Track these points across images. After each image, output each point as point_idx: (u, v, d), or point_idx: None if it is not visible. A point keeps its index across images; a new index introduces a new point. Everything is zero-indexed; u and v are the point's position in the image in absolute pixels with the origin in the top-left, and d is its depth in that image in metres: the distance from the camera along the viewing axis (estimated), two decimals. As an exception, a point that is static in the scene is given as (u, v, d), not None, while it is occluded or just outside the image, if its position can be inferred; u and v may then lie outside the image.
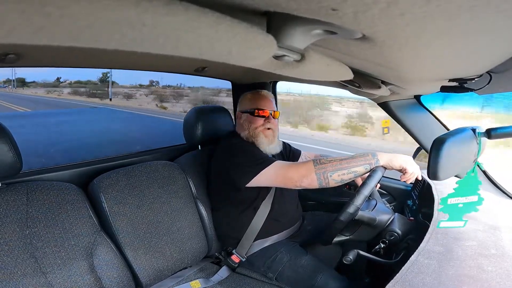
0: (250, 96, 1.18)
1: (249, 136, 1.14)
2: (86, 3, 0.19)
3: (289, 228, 1.21)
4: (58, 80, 13.63)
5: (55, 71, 13.36)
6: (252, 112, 1.14)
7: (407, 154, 0.96)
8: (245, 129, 1.14)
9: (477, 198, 0.73)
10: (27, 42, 0.20)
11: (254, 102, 1.16)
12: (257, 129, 1.13)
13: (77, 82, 13.46)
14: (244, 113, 1.16)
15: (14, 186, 0.82)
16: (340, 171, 0.90)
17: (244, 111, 1.17)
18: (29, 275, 0.77)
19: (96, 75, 14.94)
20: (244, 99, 1.19)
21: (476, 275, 0.64)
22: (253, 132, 1.13)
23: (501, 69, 0.62)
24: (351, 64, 0.64)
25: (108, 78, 13.25)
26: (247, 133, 1.14)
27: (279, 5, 0.31)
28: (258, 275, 1.13)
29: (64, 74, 13.17)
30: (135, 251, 0.99)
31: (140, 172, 1.09)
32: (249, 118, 1.14)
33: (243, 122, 1.16)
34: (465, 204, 0.74)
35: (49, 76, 12.58)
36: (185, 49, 0.29)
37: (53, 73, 12.85)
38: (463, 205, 0.74)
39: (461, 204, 0.74)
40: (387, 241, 0.95)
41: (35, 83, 12.92)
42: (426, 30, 0.34)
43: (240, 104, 1.20)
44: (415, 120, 1.22)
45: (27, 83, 12.82)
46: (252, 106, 1.15)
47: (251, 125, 1.13)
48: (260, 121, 1.13)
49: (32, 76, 13.11)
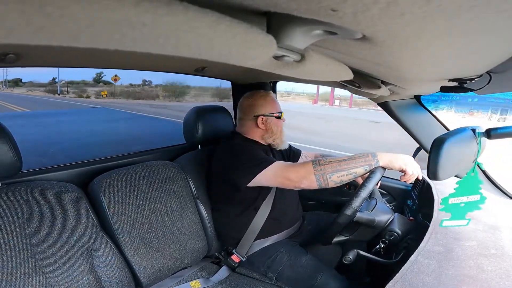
0: (269, 99, 1.19)
1: (277, 138, 1.19)
2: (86, 3, 0.19)
3: (290, 228, 1.21)
4: (54, 80, 13.90)
5: (51, 71, 13.65)
6: (278, 116, 1.19)
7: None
8: (274, 132, 1.18)
9: (479, 197, 0.73)
10: (27, 42, 0.20)
11: (275, 106, 1.19)
12: (282, 131, 1.21)
13: (69, 83, 13.71)
14: (269, 117, 1.17)
15: (14, 186, 0.82)
16: (340, 172, 0.90)
17: (268, 114, 1.17)
18: (29, 275, 0.77)
19: (91, 75, 15.33)
20: (262, 102, 1.17)
21: (476, 275, 0.64)
22: (280, 134, 1.20)
23: (501, 69, 0.62)
24: (351, 64, 0.64)
25: (102, 77, 13.58)
26: (275, 137, 1.19)
27: (279, 5, 0.31)
28: (258, 275, 1.13)
29: (60, 74, 13.43)
30: (135, 251, 0.99)
31: (140, 172, 1.09)
32: (275, 121, 1.18)
33: (271, 126, 1.17)
34: (467, 203, 0.75)
35: (43, 76, 12.86)
36: (185, 49, 0.29)
37: (49, 74, 13.12)
38: (464, 204, 0.75)
39: (463, 203, 0.75)
40: (387, 241, 0.95)
41: (31, 82, 13.25)
42: (426, 30, 0.34)
43: (259, 108, 1.17)
44: (415, 120, 1.22)
45: (23, 83, 13.15)
46: (275, 110, 1.19)
47: (278, 128, 1.19)
48: (282, 122, 1.21)
49: (27, 76, 13.40)
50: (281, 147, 1.23)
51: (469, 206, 0.74)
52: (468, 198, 0.74)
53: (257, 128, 1.18)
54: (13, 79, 13.22)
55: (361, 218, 0.94)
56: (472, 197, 0.74)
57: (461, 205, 0.75)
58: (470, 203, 0.74)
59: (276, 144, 1.21)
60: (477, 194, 0.73)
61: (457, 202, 0.75)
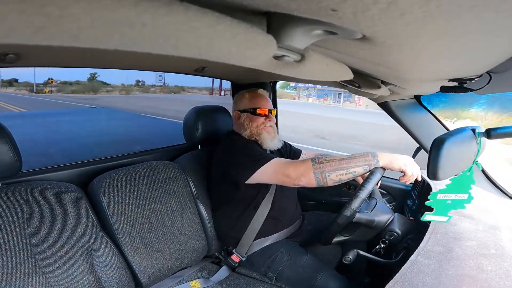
0: (248, 96, 1.19)
1: (252, 134, 1.15)
2: (86, 3, 0.19)
3: (289, 227, 1.21)
4: (48, 80, 14.25)
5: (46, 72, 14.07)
6: (253, 111, 1.16)
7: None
8: (246, 128, 1.16)
9: (467, 196, 0.74)
10: (27, 42, 0.20)
11: (254, 102, 1.17)
12: (259, 127, 1.16)
13: (62, 83, 14.11)
14: (244, 112, 1.17)
15: (14, 186, 0.82)
16: (339, 171, 0.90)
17: (243, 110, 1.17)
18: (29, 275, 0.77)
19: (85, 75, 15.99)
20: (242, 98, 1.20)
21: (476, 275, 0.64)
22: (255, 131, 1.15)
23: (501, 69, 0.62)
24: (351, 64, 0.64)
25: (96, 78, 14.20)
26: (249, 132, 1.15)
27: (279, 5, 0.31)
28: (258, 275, 1.13)
29: (55, 74, 13.81)
30: (135, 251, 0.99)
31: (140, 172, 1.09)
32: (250, 117, 1.16)
33: (243, 121, 1.16)
34: (453, 201, 0.76)
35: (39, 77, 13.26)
36: (185, 49, 0.29)
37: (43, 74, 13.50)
38: (451, 201, 0.76)
39: (450, 200, 0.76)
40: (387, 241, 0.95)
41: (27, 82, 13.73)
42: (426, 30, 0.34)
43: (238, 103, 1.20)
44: (415, 120, 1.22)
45: (19, 83, 13.59)
46: (252, 106, 1.16)
47: (252, 124, 1.15)
48: (261, 119, 1.16)
49: (23, 77, 13.74)
50: (266, 146, 1.17)
51: (454, 204, 0.76)
52: (456, 196, 0.75)
53: (236, 123, 1.20)
54: (9, 79, 13.70)
55: (361, 218, 0.94)
56: (460, 196, 0.75)
57: (447, 201, 0.76)
58: (456, 201, 0.76)
59: (258, 142, 1.15)
60: (466, 193, 0.74)
61: (444, 198, 0.76)
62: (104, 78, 15.08)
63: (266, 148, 1.17)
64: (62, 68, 1.04)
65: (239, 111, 1.18)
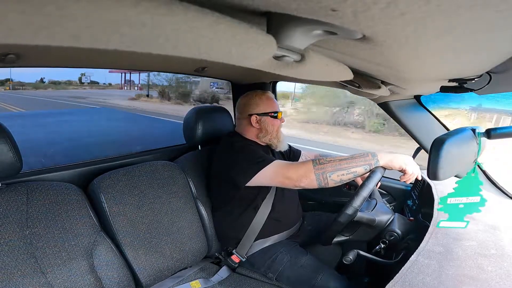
0: (264, 98, 1.17)
1: (273, 138, 1.17)
2: (86, 3, 0.19)
3: (290, 229, 1.21)
4: (42, 80, 14.52)
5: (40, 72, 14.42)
6: (274, 115, 1.16)
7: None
8: (269, 132, 1.16)
9: (479, 199, 0.72)
10: (27, 42, 0.20)
11: (271, 105, 1.17)
12: (279, 131, 1.18)
13: (52, 83, 14.39)
14: (264, 115, 1.15)
15: (14, 186, 0.82)
16: (339, 172, 0.90)
17: (263, 113, 1.15)
18: (29, 275, 0.77)
19: (76, 75, 16.63)
20: (257, 101, 1.17)
21: (476, 275, 0.64)
22: (275, 134, 1.17)
23: (501, 69, 0.62)
24: (351, 64, 0.64)
25: None
26: (270, 136, 1.17)
27: (279, 5, 0.31)
28: (258, 275, 1.13)
29: (48, 74, 14.24)
30: (135, 251, 0.99)
31: (140, 172, 1.09)
32: (271, 120, 1.16)
33: (266, 126, 1.16)
34: (466, 205, 0.73)
35: (31, 76, 13.84)
36: (185, 49, 0.29)
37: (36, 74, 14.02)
38: (464, 205, 0.74)
39: (462, 204, 0.74)
40: (387, 241, 0.95)
41: (21, 82, 14.08)
42: (426, 30, 0.34)
43: (253, 106, 1.17)
44: (415, 120, 1.22)
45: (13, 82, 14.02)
46: (271, 109, 1.16)
47: (274, 128, 1.17)
48: (279, 122, 1.18)
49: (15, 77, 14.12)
50: (280, 148, 1.21)
51: (468, 208, 0.73)
52: (468, 199, 0.73)
53: (251, 127, 1.17)
54: (3, 79, 14.16)
55: (362, 218, 0.94)
56: (472, 199, 0.73)
57: (460, 206, 0.74)
58: (469, 204, 0.73)
59: (273, 145, 1.19)
60: (477, 196, 0.72)
61: (456, 202, 0.74)
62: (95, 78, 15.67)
63: (280, 149, 1.21)
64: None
65: (257, 115, 1.16)
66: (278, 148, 1.20)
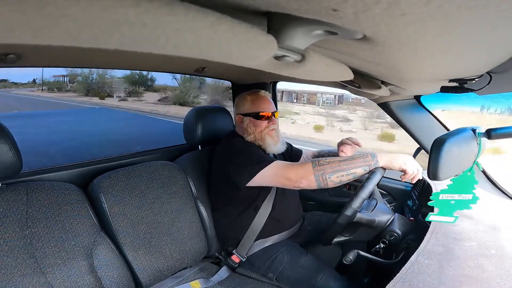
0: (250, 98, 1.15)
1: (255, 139, 1.13)
2: (86, 3, 0.19)
3: (290, 229, 1.21)
4: (34, 81, 14.58)
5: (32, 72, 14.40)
6: (256, 116, 1.12)
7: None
8: (250, 133, 1.13)
9: (471, 196, 0.73)
10: (27, 42, 0.20)
11: (256, 105, 1.14)
12: (263, 132, 1.13)
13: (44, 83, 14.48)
14: (246, 116, 1.14)
15: (14, 186, 0.82)
16: (339, 173, 0.90)
17: (246, 114, 1.14)
18: (29, 275, 0.77)
19: None
20: (243, 101, 1.16)
21: (476, 275, 0.64)
22: (259, 136, 1.13)
23: (501, 70, 0.62)
24: (351, 64, 0.64)
25: None
26: (252, 137, 1.13)
27: (279, 5, 0.30)
28: (258, 275, 1.13)
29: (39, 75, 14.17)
30: (135, 251, 0.99)
31: (140, 172, 1.09)
32: (252, 121, 1.13)
33: (246, 126, 1.13)
34: (457, 201, 0.75)
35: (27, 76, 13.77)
36: (185, 49, 0.29)
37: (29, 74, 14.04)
38: (455, 201, 0.75)
39: (453, 201, 0.75)
40: (387, 241, 0.95)
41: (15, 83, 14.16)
42: (427, 30, 0.34)
43: (240, 106, 1.17)
44: (415, 121, 1.22)
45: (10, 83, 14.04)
46: (255, 109, 1.13)
47: (256, 129, 1.13)
48: (264, 123, 1.13)
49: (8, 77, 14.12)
50: (270, 151, 1.14)
51: (459, 204, 0.74)
52: (460, 196, 0.74)
53: (239, 127, 1.17)
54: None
55: (362, 219, 0.94)
56: (464, 196, 0.74)
57: (451, 202, 0.75)
58: (461, 201, 0.74)
59: (261, 147, 1.13)
60: (470, 194, 0.73)
61: (447, 198, 0.75)
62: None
63: (269, 152, 1.15)
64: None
65: (241, 115, 1.15)
66: (268, 151, 1.14)
